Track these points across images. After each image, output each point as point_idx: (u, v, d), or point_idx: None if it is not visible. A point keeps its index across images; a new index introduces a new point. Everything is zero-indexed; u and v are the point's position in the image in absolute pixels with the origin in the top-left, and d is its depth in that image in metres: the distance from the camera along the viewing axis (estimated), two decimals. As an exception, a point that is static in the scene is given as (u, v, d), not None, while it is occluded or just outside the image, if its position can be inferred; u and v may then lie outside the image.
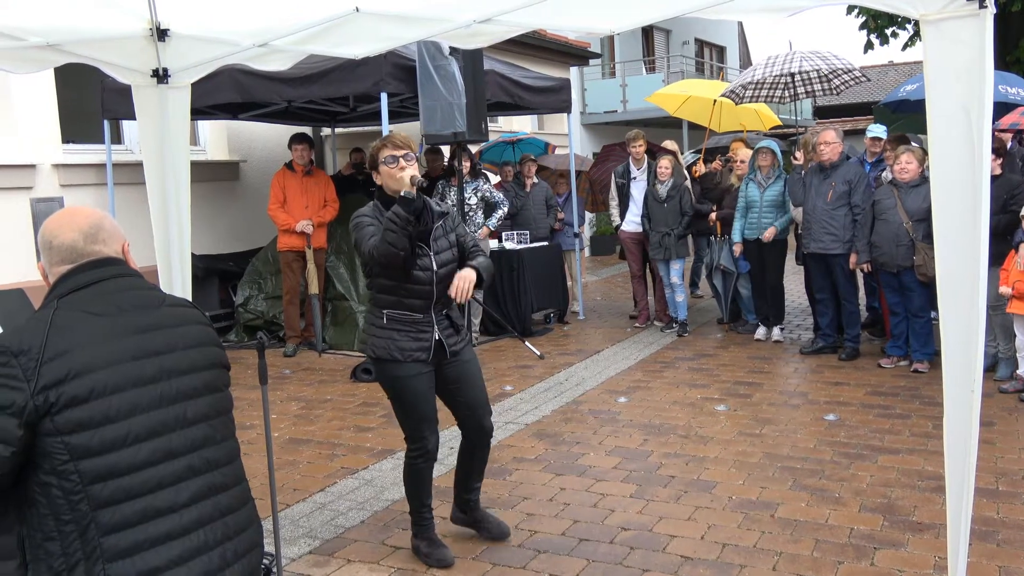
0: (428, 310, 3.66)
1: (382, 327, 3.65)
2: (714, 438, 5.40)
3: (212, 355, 2.18)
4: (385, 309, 3.65)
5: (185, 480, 2.03)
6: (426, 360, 3.65)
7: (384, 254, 3.46)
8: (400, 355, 3.62)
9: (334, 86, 7.54)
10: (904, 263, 6.68)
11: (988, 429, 5.33)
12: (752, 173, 8.14)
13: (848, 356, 7.36)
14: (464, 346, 3.82)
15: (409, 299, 3.63)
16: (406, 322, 3.64)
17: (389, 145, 3.63)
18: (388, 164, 3.61)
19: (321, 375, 7.50)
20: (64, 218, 2.11)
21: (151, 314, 2.09)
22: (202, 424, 2.10)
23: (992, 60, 2.53)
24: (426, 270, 3.61)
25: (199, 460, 2.07)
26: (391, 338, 3.63)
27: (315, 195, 8.43)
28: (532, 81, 9.29)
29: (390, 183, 3.62)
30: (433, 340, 3.66)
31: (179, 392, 2.05)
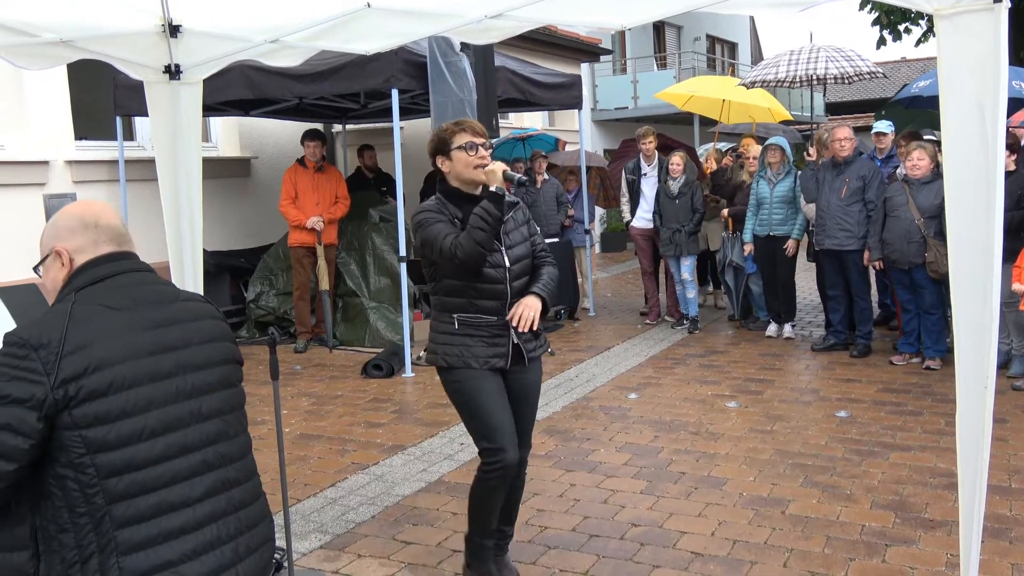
0: (503, 312, 3.27)
1: (453, 333, 3.28)
2: (725, 435, 5.39)
3: (226, 350, 2.20)
4: (455, 313, 3.28)
5: (199, 475, 2.04)
6: (504, 368, 3.30)
7: (470, 254, 3.14)
8: (475, 363, 3.24)
9: (345, 82, 7.56)
10: (916, 260, 6.65)
11: (1001, 426, 5.30)
12: (762, 170, 8.12)
13: (860, 353, 7.34)
14: (541, 353, 3.46)
15: (481, 300, 3.27)
16: (480, 326, 3.26)
17: (467, 130, 3.29)
18: (468, 151, 3.26)
19: (332, 371, 7.51)
20: (96, 205, 2.13)
21: (166, 309, 2.10)
22: (216, 419, 2.11)
23: (1007, 55, 2.52)
24: (498, 267, 3.26)
25: (213, 455, 2.09)
26: (464, 345, 3.25)
27: (326, 191, 8.44)
28: (543, 77, 9.28)
29: (465, 172, 3.28)
30: (511, 345, 3.30)
31: (194, 387, 2.06)
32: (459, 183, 3.33)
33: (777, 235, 7.94)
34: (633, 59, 20.54)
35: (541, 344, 3.47)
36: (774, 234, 7.95)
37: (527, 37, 13.77)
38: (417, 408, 6.27)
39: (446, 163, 3.34)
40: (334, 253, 8.60)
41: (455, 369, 3.27)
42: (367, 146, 10.20)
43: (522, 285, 3.36)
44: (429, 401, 6.42)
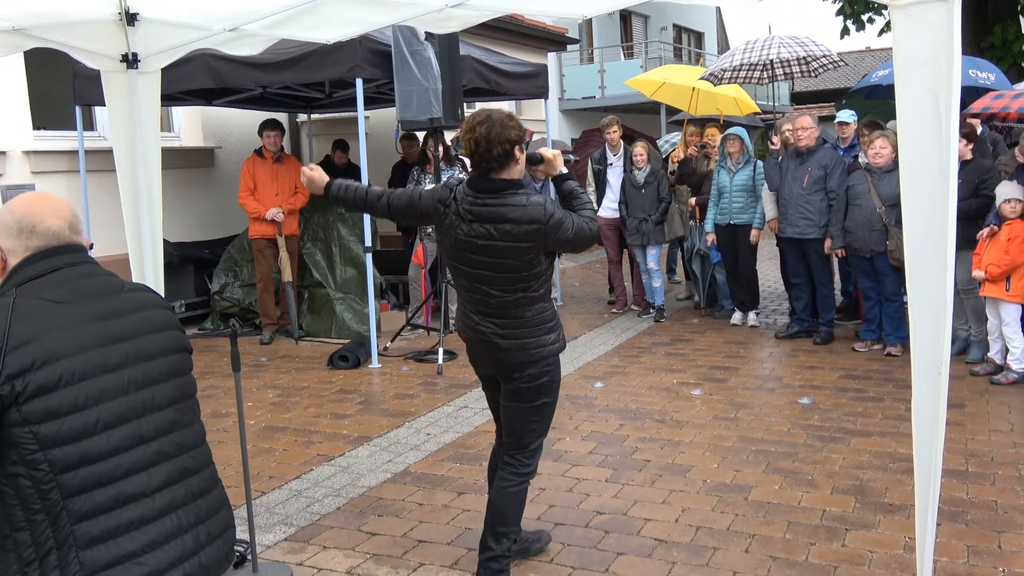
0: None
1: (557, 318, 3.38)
2: (689, 422, 5.44)
3: (175, 339, 2.18)
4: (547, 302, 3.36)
5: (156, 464, 2.03)
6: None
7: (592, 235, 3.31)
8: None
9: (309, 72, 7.48)
10: (877, 248, 6.74)
11: (959, 411, 5.39)
12: (722, 160, 8.18)
13: (823, 340, 7.43)
14: None
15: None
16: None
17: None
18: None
19: (298, 363, 7.47)
20: (44, 204, 2.07)
21: (112, 300, 2.08)
22: (170, 408, 2.09)
23: (960, 45, 2.56)
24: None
25: (169, 444, 2.07)
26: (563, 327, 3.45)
27: (286, 182, 8.36)
28: (509, 67, 9.26)
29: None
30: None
31: (146, 377, 2.05)
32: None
33: (738, 224, 8.01)
34: (600, 48, 20.58)
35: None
36: (735, 223, 8.02)
37: (493, 26, 13.73)
38: (383, 399, 6.26)
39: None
40: (296, 244, 8.54)
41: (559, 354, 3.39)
42: (341, 144, 10.11)
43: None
44: (396, 392, 6.41)
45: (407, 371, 7.05)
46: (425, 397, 6.24)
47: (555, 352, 3.34)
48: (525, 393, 3.33)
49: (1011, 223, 5.91)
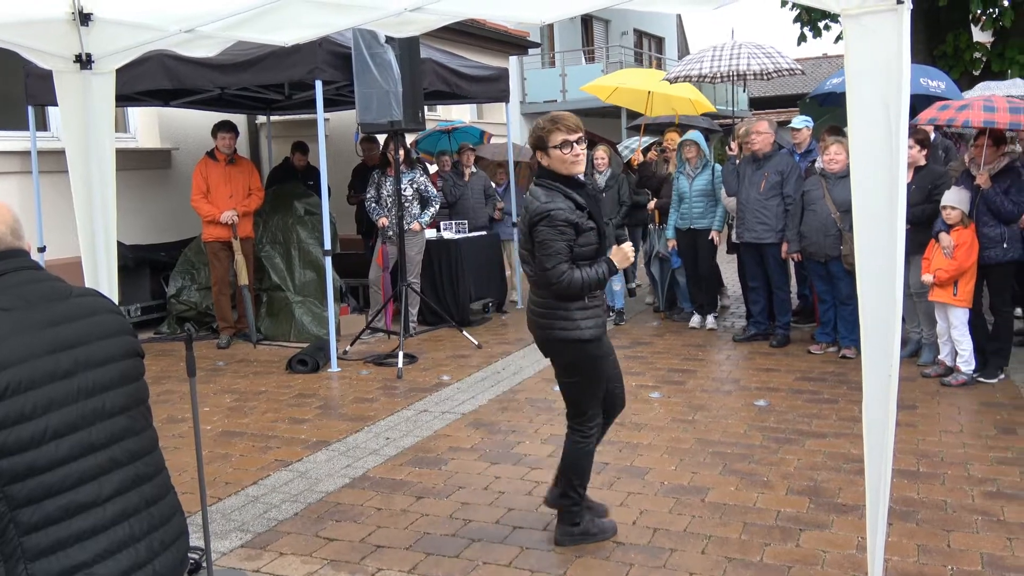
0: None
1: (587, 307, 3.54)
2: (648, 425, 5.48)
3: (126, 344, 2.14)
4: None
5: (108, 473, 2.00)
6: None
7: (568, 291, 3.46)
8: (603, 335, 3.61)
9: (267, 73, 7.44)
10: (832, 252, 6.85)
11: (910, 412, 5.50)
12: (681, 166, 8.26)
13: (779, 343, 7.53)
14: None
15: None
16: (598, 299, 3.63)
17: (562, 128, 3.45)
18: (562, 149, 3.45)
19: (256, 367, 7.41)
20: None
21: (61, 306, 2.04)
22: (121, 415, 2.06)
23: (909, 55, 2.61)
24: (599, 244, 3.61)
25: (121, 451, 2.04)
26: (598, 315, 3.59)
27: (239, 184, 8.29)
28: (470, 70, 9.27)
29: (561, 168, 3.49)
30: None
31: (96, 384, 2.01)
32: (563, 176, 3.52)
33: (698, 228, 8.09)
34: (561, 52, 20.65)
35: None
36: (695, 227, 8.10)
37: (454, 29, 13.73)
38: (342, 403, 6.23)
39: (546, 159, 3.53)
40: (251, 247, 8.47)
41: (594, 341, 3.57)
42: (300, 146, 10.04)
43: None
44: (355, 396, 6.38)
45: (367, 375, 7.02)
46: (384, 401, 6.22)
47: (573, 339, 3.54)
48: (557, 370, 3.72)
49: (957, 229, 6.03)
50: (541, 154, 3.52)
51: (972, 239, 6.01)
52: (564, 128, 3.44)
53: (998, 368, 6.21)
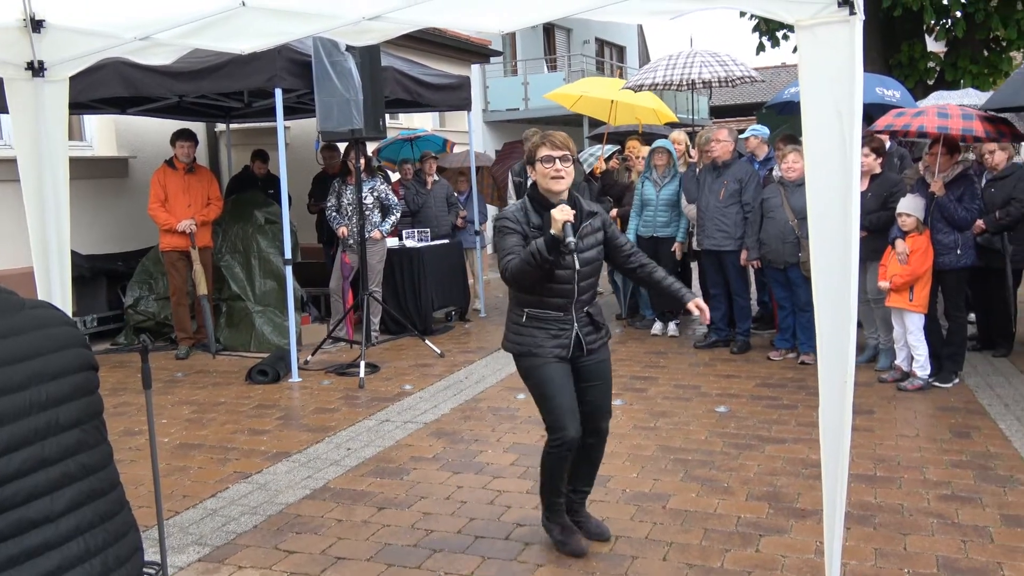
0: (569, 308, 3.66)
1: (523, 325, 3.66)
2: (610, 432, 5.45)
3: (80, 357, 2.10)
4: (526, 308, 3.66)
5: (61, 488, 1.96)
6: (565, 357, 3.66)
7: (516, 278, 3.52)
8: (539, 351, 3.62)
9: (226, 81, 7.38)
10: (790, 259, 6.94)
11: (868, 417, 5.58)
12: (648, 172, 8.32)
13: (739, 349, 7.60)
14: (602, 344, 3.81)
15: (550, 298, 3.63)
16: (547, 320, 3.64)
17: (547, 144, 3.57)
18: (544, 163, 3.56)
19: (215, 377, 7.32)
20: None
21: (12, 318, 2.00)
22: (75, 429, 2.02)
23: (861, 65, 2.65)
24: (567, 269, 3.58)
25: (74, 466, 2.00)
26: (532, 335, 3.64)
27: (198, 193, 8.21)
28: (431, 78, 9.27)
29: (543, 182, 3.60)
30: (572, 337, 3.66)
31: (49, 397, 1.97)
32: (543, 191, 3.62)
33: (661, 236, 8.15)
34: (523, 61, 20.72)
35: (602, 336, 3.82)
36: (658, 235, 8.16)
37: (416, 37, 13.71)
38: (303, 414, 6.18)
39: (533, 172, 3.65)
40: (210, 256, 8.38)
41: (523, 356, 3.67)
42: (260, 154, 9.96)
43: (589, 285, 3.71)
44: (316, 406, 6.33)
45: (328, 385, 6.97)
46: (346, 411, 6.18)
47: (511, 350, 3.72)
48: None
49: (912, 236, 6.14)
50: (531, 168, 3.66)
51: (927, 245, 6.12)
52: (549, 144, 3.56)
53: (952, 373, 6.32)
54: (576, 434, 3.64)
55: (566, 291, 3.63)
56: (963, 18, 13.18)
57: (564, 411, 3.64)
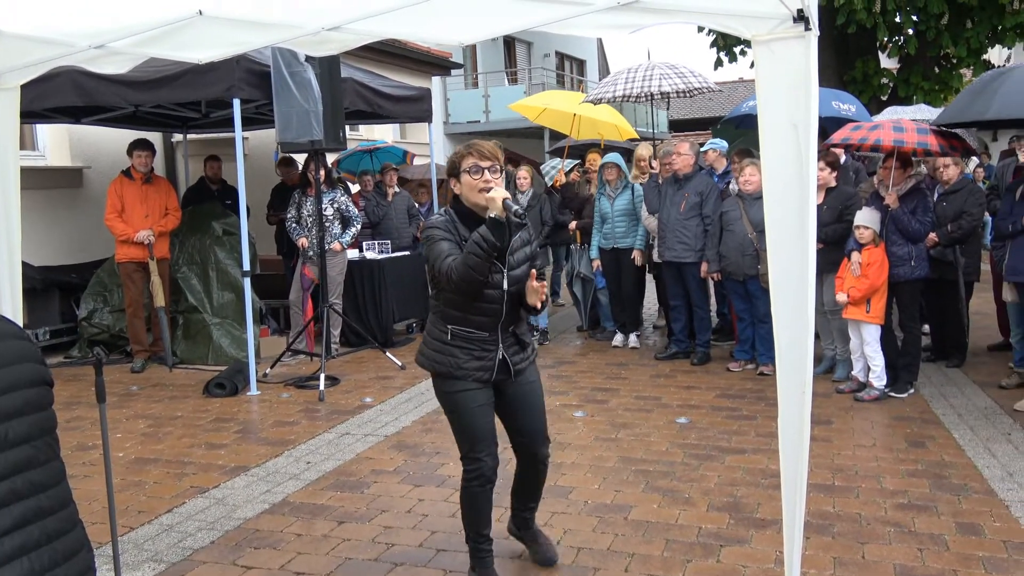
0: (495, 328, 3.42)
1: (445, 343, 3.42)
2: (572, 444, 5.50)
3: (33, 372, 2.06)
4: (450, 324, 3.41)
5: (7, 505, 1.91)
6: (488, 380, 3.44)
7: (464, 278, 3.23)
8: (460, 373, 3.40)
9: (184, 91, 7.32)
10: (749, 272, 7.01)
11: (826, 427, 5.64)
12: (601, 187, 8.38)
13: (700, 361, 7.66)
14: (529, 365, 3.58)
15: (477, 316, 3.39)
16: (471, 340, 3.41)
17: (474, 153, 3.35)
18: (472, 174, 3.33)
19: (171, 391, 7.22)
20: None
21: None
22: (25, 445, 1.98)
23: (816, 79, 2.70)
24: (496, 288, 3.36)
25: (22, 483, 1.96)
26: (453, 355, 3.40)
27: (155, 203, 8.12)
28: (392, 90, 9.26)
29: (471, 196, 3.35)
30: (497, 359, 3.44)
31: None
32: (468, 203, 3.40)
33: (621, 247, 8.21)
34: (484, 73, 20.77)
35: (528, 356, 3.60)
36: (618, 246, 8.22)
37: (376, 49, 13.70)
38: (262, 427, 6.11)
39: (457, 185, 3.42)
40: (167, 267, 8.28)
41: (442, 377, 3.46)
42: (213, 156, 9.87)
43: (515, 306, 3.47)
44: (275, 419, 6.26)
45: (287, 398, 6.90)
46: (306, 424, 6.12)
47: (428, 368, 3.48)
48: None
49: (868, 248, 6.24)
50: (454, 182, 3.44)
51: (883, 257, 6.23)
52: (476, 153, 3.35)
53: (908, 383, 6.43)
54: (494, 464, 3.47)
55: (493, 311, 3.40)
56: (915, 36, 13.48)
57: (481, 439, 3.44)
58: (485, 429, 3.46)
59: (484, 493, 3.51)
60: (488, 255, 3.20)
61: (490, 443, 3.46)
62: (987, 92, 6.13)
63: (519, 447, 3.66)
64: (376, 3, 3.07)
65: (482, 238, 3.19)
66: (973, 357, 7.53)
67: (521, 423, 3.59)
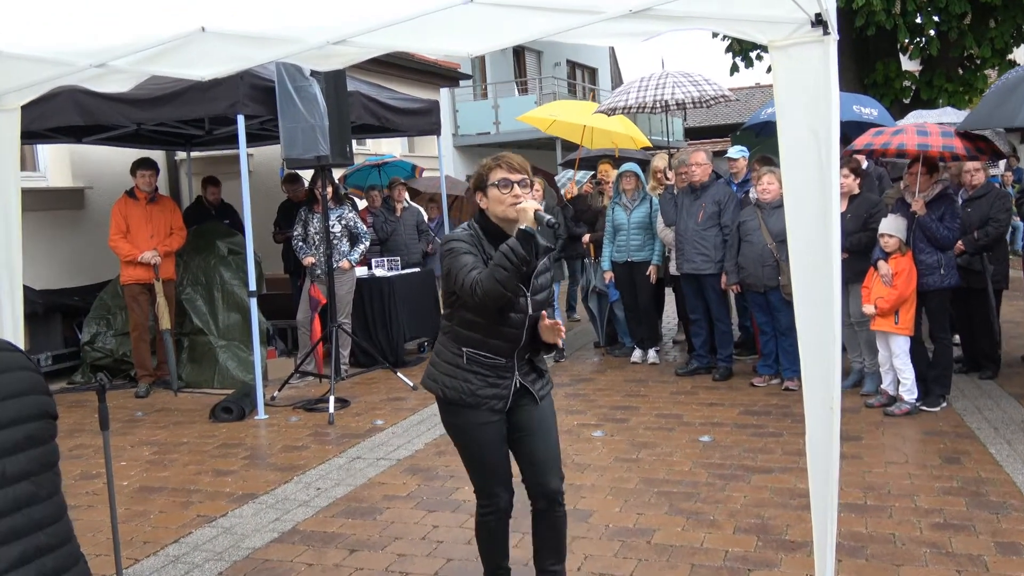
0: (512, 354, 3.33)
1: (459, 367, 3.31)
2: (591, 465, 5.47)
3: (36, 404, 2.05)
4: (466, 347, 3.30)
5: (7, 543, 1.91)
6: (503, 409, 3.35)
7: (490, 293, 3.09)
8: (473, 400, 3.30)
9: (187, 108, 7.38)
10: (770, 283, 6.98)
11: (856, 444, 5.59)
12: (617, 197, 8.36)
13: (722, 376, 7.62)
14: (546, 393, 3.49)
15: (496, 340, 3.29)
16: (487, 365, 3.30)
17: (503, 166, 3.25)
18: (501, 188, 3.22)
19: (177, 416, 7.23)
20: None
21: None
22: (25, 481, 1.97)
23: (837, 84, 2.69)
24: (519, 312, 3.28)
25: (22, 520, 1.95)
26: (468, 381, 3.29)
27: (160, 223, 8.17)
28: (399, 103, 9.29)
29: (498, 210, 3.25)
30: (513, 387, 3.35)
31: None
32: (497, 221, 3.29)
33: (636, 261, 8.19)
34: (494, 84, 20.84)
35: (546, 383, 3.52)
36: (633, 260, 8.20)
37: (382, 61, 13.76)
38: (270, 452, 6.11)
39: (483, 199, 3.31)
40: (173, 288, 8.32)
41: (453, 405, 3.34)
42: (213, 180, 9.92)
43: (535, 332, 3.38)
44: (284, 444, 6.26)
45: (296, 422, 6.90)
46: (315, 449, 6.11)
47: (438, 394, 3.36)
48: None
49: (895, 257, 6.20)
50: (480, 195, 3.32)
51: (911, 266, 6.18)
52: (505, 166, 3.25)
53: (940, 396, 6.37)
54: (510, 496, 3.43)
55: (514, 336, 3.30)
56: (937, 36, 13.43)
57: (497, 474, 3.40)
58: (499, 463, 3.40)
59: (501, 525, 3.47)
60: (518, 268, 3.08)
61: (505, 477, 3.42)
62: (1016, 95, 6.07)
63: (528, 478, 3.47)
64: (382, 15, 3.07)
65: (511, 250, 3.07)
66: (1007, 368, 7.46)
67: (531, 448, 3.44)
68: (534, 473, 3.44)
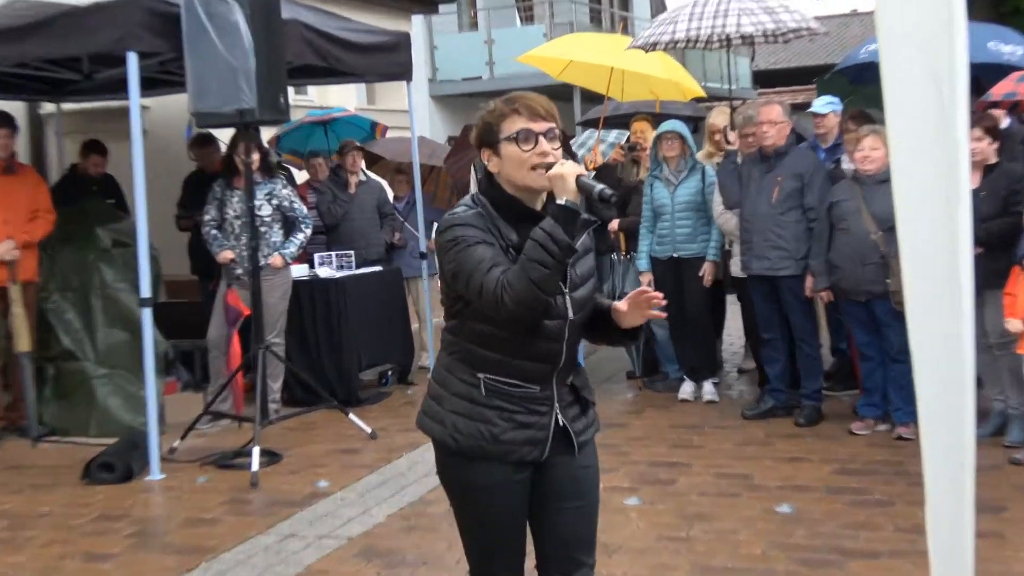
0: (549, 379, 3.22)
1: (475, 401, 3.18)
2: (623, 546, 5.46)
3: None
4: (482, 373, 3.18)
5: None
6: (537, 459, 3.22)
7: (524, 301, 2.96)
8: (497, 450, 3.16)
9: (58, 42, 7.42)
10: (874, 288, 6.95)
11: (995, 517, 5.57)
12: (656, 168, 8.35)
13: (807, 420, 7.60)
14: (592, 435, 3.40)
15: (524, 361, 3.16)
16: (515, 397, 3.17)
17: (521, 111, 3.11)
18: (521, 143, 3.09)
19: (36, 475, 7.25)
20: None
21: None
22: None
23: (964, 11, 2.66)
24: (556, 318, 3.16)
25: None
26: (489, 421, 3.15)
27: (19, 203, 8.21)
28: (354, 36, 9.29)
29: (517, 175, 3.12)
30: (552, 427, 3.22)
31: None
32: (515, 191, 3.17)
33: (684, 257, 8.20)
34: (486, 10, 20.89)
35: (592, 422, 3.42)
36: (680, 255, 8.21)
37: (331, -23, 13.78)
38: (167, 528, 6.13)
39: (493, 160, 3.18)
40: (35, 293, 8.34)
41: (464, 457, 3.20)
42: (96, 147, 9.92)
43: (576, 341, 3.29)
44: (186, 516, 6.26)
45: (205, 483, 6.92)
46: (232, 522, 6.12)
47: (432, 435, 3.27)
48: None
49: (1052, 254, 6.21)
50: (489, 153, 3.19)
51: (1075, 266, 6.18)
52: (525, 111, 3.11)
53: (1115, 449, 6.36)
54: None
55: (550, 352, 3.18)
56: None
57: (506, 555, 3.34)
58: (514, 540, 3.34)
59: None
60: (560, 263, 2.95)
61: (518, 558, 3.37)
62: None
63: (550, 559, 3.38)
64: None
65: (549, 236, 2.92)
66: None
67: (564, 518, 3.33)
68: (563, 556, 3.36)
